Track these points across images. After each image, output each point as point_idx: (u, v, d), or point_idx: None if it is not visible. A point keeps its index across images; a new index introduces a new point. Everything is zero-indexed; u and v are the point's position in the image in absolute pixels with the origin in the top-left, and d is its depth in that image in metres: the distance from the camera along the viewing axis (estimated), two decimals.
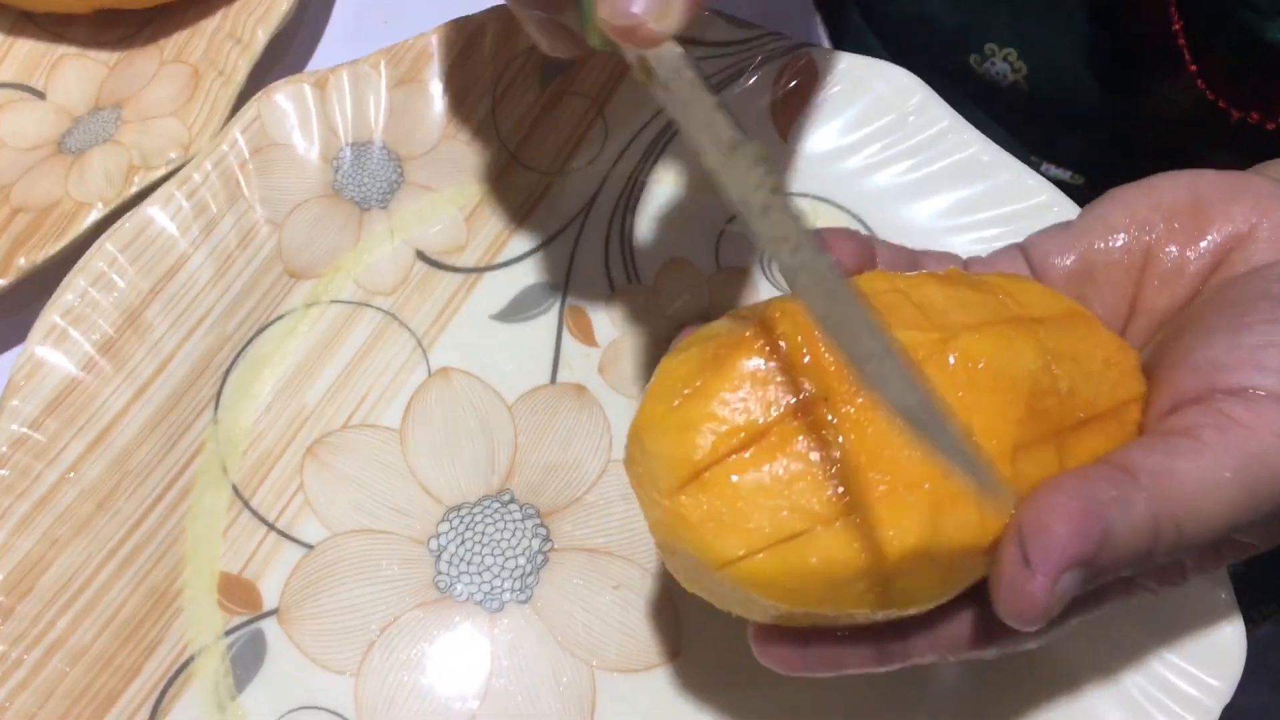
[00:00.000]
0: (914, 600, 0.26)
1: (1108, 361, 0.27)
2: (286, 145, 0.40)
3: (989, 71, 0.50)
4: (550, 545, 0.37)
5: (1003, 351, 0.26)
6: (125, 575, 0.35)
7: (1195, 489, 0.25)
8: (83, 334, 0.36)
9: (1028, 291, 0.28)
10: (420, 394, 0.38)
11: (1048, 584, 0.23)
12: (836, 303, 0.22)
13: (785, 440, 0.25)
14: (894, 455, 0.24)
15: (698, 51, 0.42)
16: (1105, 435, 0.27)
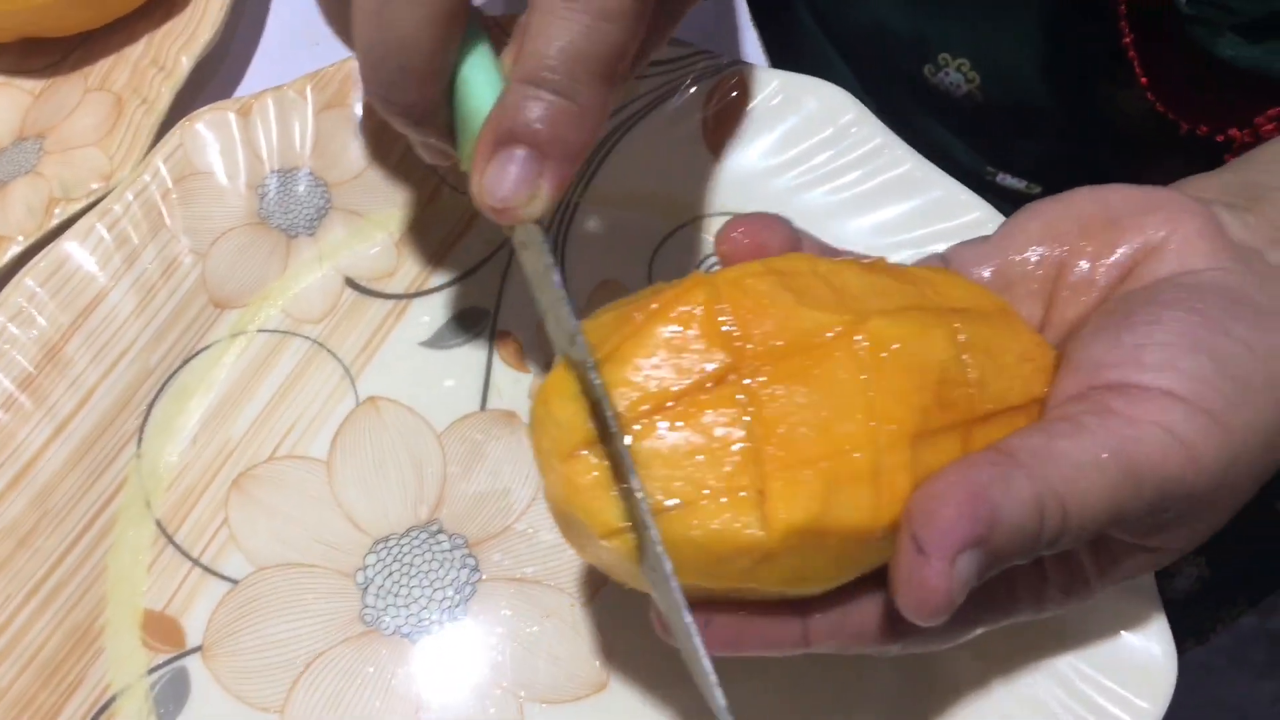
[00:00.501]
0: (804, 581, 0.25)
1: (1023, 356, 0.27)
2: (210, 174, 0.39)
3: (943, 81, 0.50)
4: (479, 575, 0.36)
5: (914, 338, 0.25)
6: (45, 614, 0.34)
7: (1073, 468, 0.24)
8: (1, 371, 0.36)
9: (952, 284, 0.28)
10: (348, 424, 0.38)
11: (944, 567, 0.23)
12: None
13: (690, 410, 0.24)
14: (795, 432, 0.24)
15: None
16: (1012, 428, 0.27)
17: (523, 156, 0.27)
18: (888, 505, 0.24)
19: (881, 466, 0.24)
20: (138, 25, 0.43)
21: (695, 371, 0.25)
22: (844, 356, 0.25)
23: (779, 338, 0.25)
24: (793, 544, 0.24)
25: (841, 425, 0.24)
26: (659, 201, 0.41)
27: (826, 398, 0.25)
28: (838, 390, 0.25)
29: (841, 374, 0.25)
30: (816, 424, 0.24)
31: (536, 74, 0.27)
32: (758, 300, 0.25)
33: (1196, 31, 0.40)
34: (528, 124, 0.27)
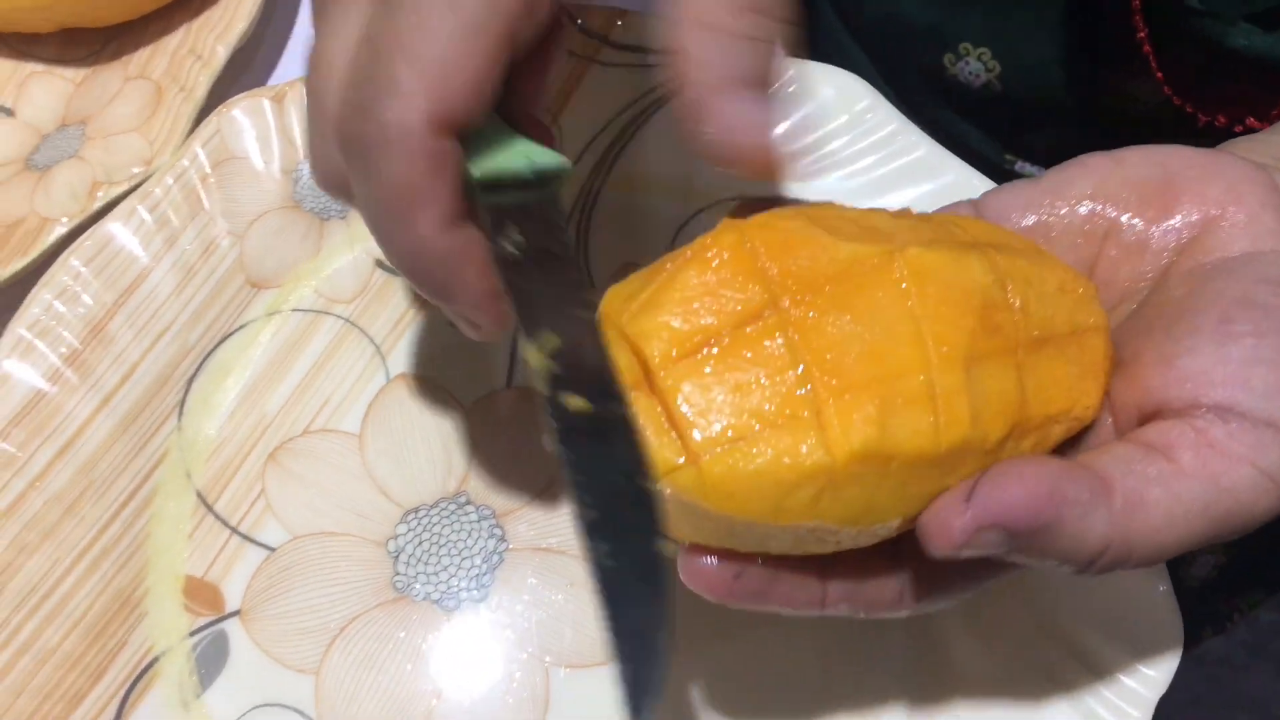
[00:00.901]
0: (869, 514, 0.25)
1: (1062, 288, 0.27)
2: (246, 159, 0.41)
3: (962, 71, 0.51)
4: (506, 545, 0.38)
5: (952, 264, 0.25)
6: (91, 579, 0.36)
7: (1163, 521, 0.25)
8: (49, 347, 0.37)
9: (977, 225, 0.28)
10: (379, 400, 0.40)
11: (970, 528, 0.24)
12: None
13: (734, 346, 0.24)
14: (845, 359, 0.24)
15: (646, 58, 0.42)
16: (1065, 359, 0.27)
17: (756, 97, 0.25)
18: (947, 428, 0.24)
19: (937, 389, 0.24)
20: (175, 16, 0.44)
21: (733, 309, 0.24)
22: (885, 284, 0.25)
23: (815, 270, 0.25)
24: (855, 470, 0.24)
25: (891, 349, 0.24)
26: (679, 186, 0.42)
27: (872, 324, 0.24)
28: (883, 316, 0.25)
29: (884, 300, 0.25)
30: (865, 350, 0.24)
31: (719, 20, 0.25)
32: (789, 237, 0.25)
33: (1206, 24, 0.41)
34: (743, 66, 0.25)
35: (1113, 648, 0.34)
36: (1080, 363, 0.27)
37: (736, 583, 0.27)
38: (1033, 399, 0.26)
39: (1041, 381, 0.26)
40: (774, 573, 0.27)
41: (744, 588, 0.27)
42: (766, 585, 0.27)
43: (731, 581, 0.27)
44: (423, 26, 0.25)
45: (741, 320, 0.25)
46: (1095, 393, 0.27)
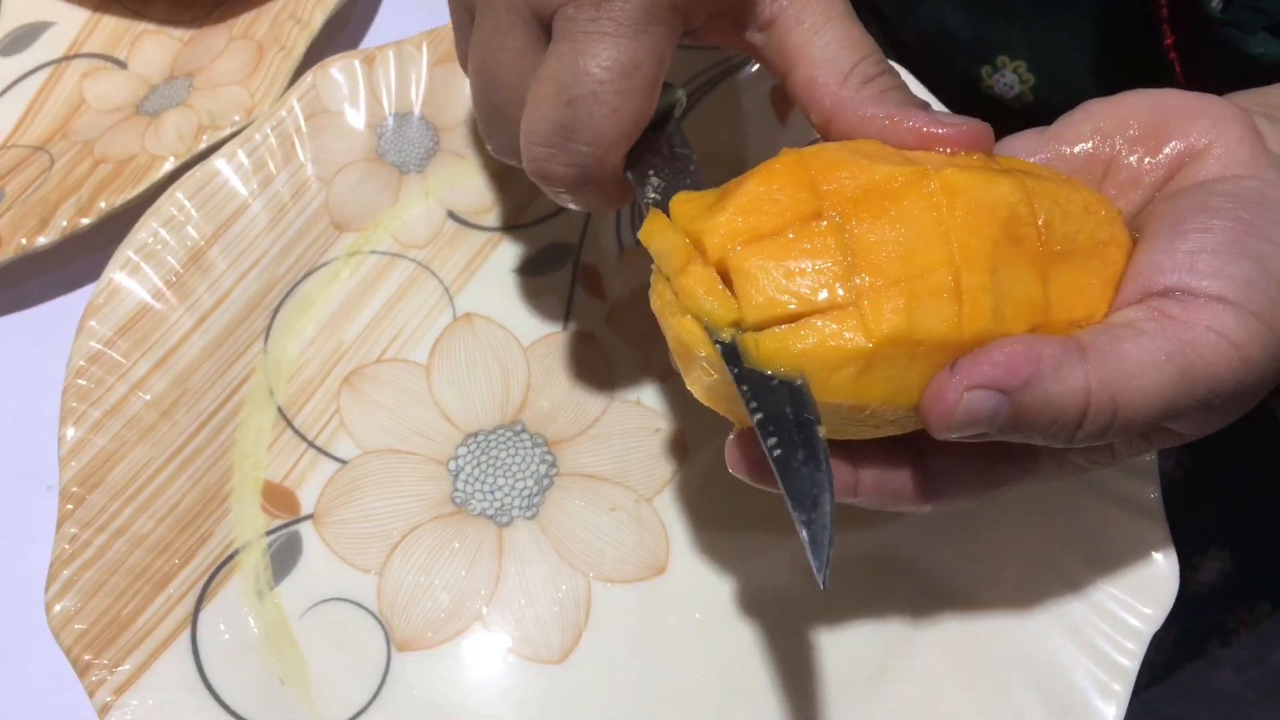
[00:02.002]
0: (894, 397, 0.28)
1: (1087, 208, 0.30)
2: (337, 113, 0.45)
3: (998, 83, 0.54)
4: (556, 470, 0.41)
5: (982, 184, 0.28)
6: (182, 476, 0.39)
7: (1135, 367, 0.27)
8: (153, 269, 0.41)
9: (1014, 159, 0.31)
10: (446, 335, 0.43)
11: (958, 390, 0.27)
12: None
13: (788, 241, 0.27)
14: (881, 257, 0.27)
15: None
16: (1087, 270, 0.29)
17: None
18: (970, 320, 0.27)
19: (962, 285, 0.27)
20: None
21: (788, 211, 0.28)
22: (917, 197, 0.28)
23: (857, 186, 0.28)
24: (887, 353, 0.27)
25: (921, 250, 0.27)
26: (729, 159, 0.46)
27: (906, 230, 0.28)
28: (915, 224, 0.28)
29: (916, 211, 0.28)
30: (899, 251, 0.27)
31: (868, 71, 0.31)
32: (835, 161, 0.29)
33: (1228, 33, 0.44)
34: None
35: (1112, 585, 0.37)
36: (1102, 275, 0.30)
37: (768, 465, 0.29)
38: (1056, 303, 0.29)
39: (1064, 289, 0.29)
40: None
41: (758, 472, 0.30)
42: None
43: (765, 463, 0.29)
44: (618, 90, 0.30)
45: (794, 220, 0.28)
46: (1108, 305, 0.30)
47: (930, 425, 0.28)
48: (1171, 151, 0.31)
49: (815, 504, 0.26)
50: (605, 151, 0.31)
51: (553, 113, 0.31)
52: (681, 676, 0.38)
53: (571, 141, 0.31)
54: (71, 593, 0.36)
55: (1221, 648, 0.74)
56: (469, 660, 0.38)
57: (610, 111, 0.31)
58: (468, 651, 0.38)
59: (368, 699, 0.37)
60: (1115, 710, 0.36)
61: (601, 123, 0.31)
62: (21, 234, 0.42)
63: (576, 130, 0.31)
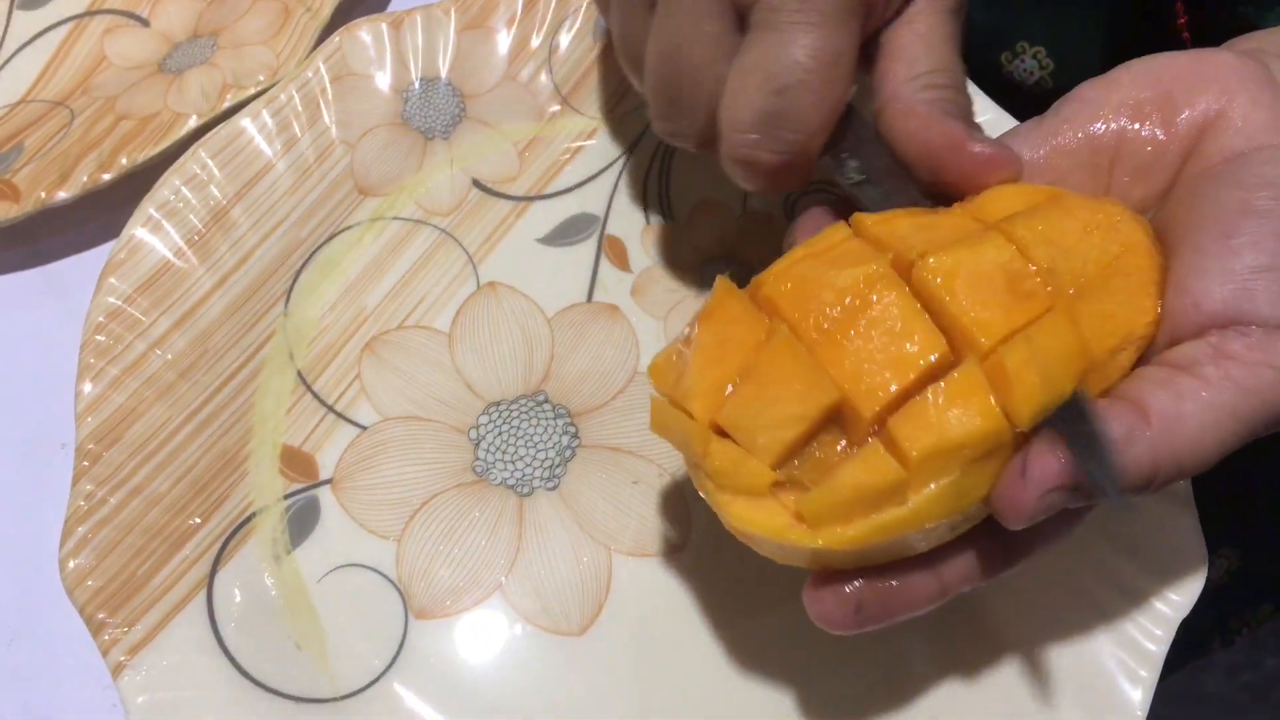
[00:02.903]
0: (957, 504, 0.27)
1: (1086, 228, 0.29)
2: (363, 76, 0.44)
3: (1017, 69, 0.54)
4: (578, 442, 0.40)
5: (966, 258, 0.28)
6: (200, 437, 0.39)
7: (1198, 431, 0.27)
8: (175, 227, 0.41)
9: (996, 197, 0.31)
10: (469, 303, 0.43)
11: (1035, 497, 0.27)
12: None
13: (768, 372, 0.28)
14: (877, 372, 0.27)
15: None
16: (1109, 293, 0.29)
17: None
18: (1024, 401, 0.27)
19: (1008, 368, 0.27)
20: None
21: (751, 343, 0.29)
22: (899, 297, 0.28)
23: (828, 304, 0.28)
24: (932, 469, 0.27)
25: (919, 350, 0.27)
26: None
27: (894, 335, 0.28)
28: (900, 320, 0.28)
29: (897, 309, 0.28)
30: (893, 356, 0.27)
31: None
32: (798, 285, 0.29)
33: (1245, 10, 0.43)
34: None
35: (1141, 571, 0.37)
36: (1126, 289, 0.29)
37: (860, 614, 0.29)
38: (1092, 341, 0.28)
39: (1093, 322, 0.28)
40: (889, 592, 0.29)
41: (869, 616, 0.29)
42: (886, 605, 0.29)
43: (855, 615, 0.29)
44: (825, 79, 0.31)
45: (758, 352, 0.28)
46: (1150, 306, 0.29)
47: (1005, 522, 0.27)
48: (1185, 124, 0.30)
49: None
50: (811, 138, 0.32)
51: (761, 101, 0.31)
52: (701, 652, 0.37)
53: (780, 129, 0.31)
54: (86, 550, 0.36)
55: (1223, 647, 0.74)
56: (487, 630, 0.37)
57: (819, 100, 0.31)
58: (486, 622, 0.38)
59: (384, 666, 0.37)
60: (1142, 695, 0.35)
61: (810, 110, 0.31)
62: (41, 188, 0.41)
63: (786, 118, 0.31)
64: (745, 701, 0.37)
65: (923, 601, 0.30)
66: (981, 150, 0.30)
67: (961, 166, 0.31)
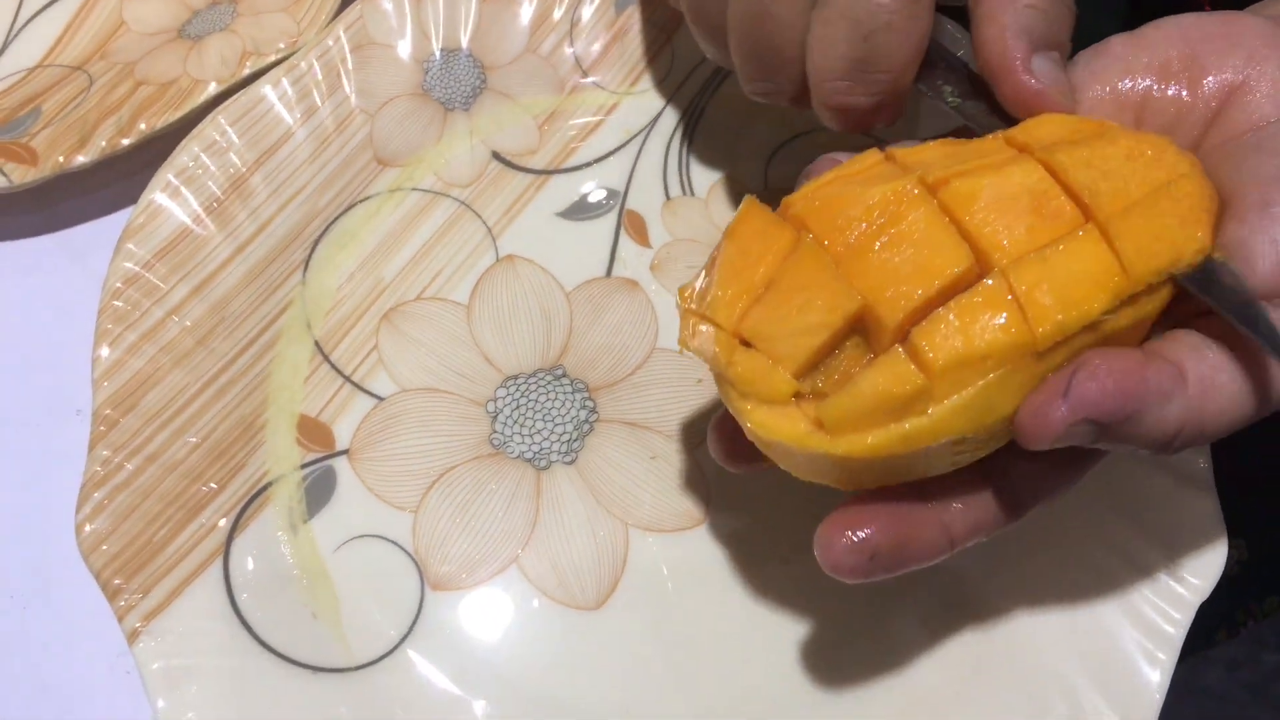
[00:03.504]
0: (981, 417, 0.27)
1: (1130, 156, 0.28)
2: (384, 45, 0.44)
3: None
4: (596, 416, 0.40)
5: (992, 180, 0.28)
6: (217, 405, 0.39)
7: (1228, 403, 0.27)
8: (194, 193, 0.40)
9: (1036, 126, 0.30)
10: (487, 276, 0.42)
11: (1067, 420, 0.26)
12: None
13: (791, 282, 0.28)
14: (905, 288, 0.27)
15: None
16: (1158, 213, 0.28)
17: (1057, 57, 0.31)
18: (1037, 319, 0.26)
19: (1014, 287, 0.26)
20: None
21: (770, 254, 0.28)
22: (926, 213, 0.27)
23: (856, 219, 0.28)
24: (954, 379, 0.26)
25: (946, 260, 0.27)
26: (778, 112, 0.45)
27: (921, 245, 0.27)
28: (932, 239, 0.27)
29: (926, 222, 0.27)
30: (919, 267, 0.27)
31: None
32: (826, 202, 0.29)
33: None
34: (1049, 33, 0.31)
35: (1161, 554, 0.37)
36: (1176, 213, 0.28)
37: (873, 563, 0.29)
38: (1134, 258, 0.27)
39: (1139, 241, 0.27)
40: (901, 541, 0.29)
41: (880, 565, 0.29)
42: (898, 554, 0.29)
43: (868, 563, 0.29)
44: (908, 16, 0.31)
45: (783, 262, 0.28)
46: (1202, 234, 0.28)
47: (1025, 441, 0.27)
48: (1211, 88, 0.30)
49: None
50: (902, 74, 0.32)
51: (849, 49, 0.32)
52: (717, 628, 0.37)
53: (871, 73, 0.32)
54: (102, 515, 0.36)
55: (1229, 638, 0.74)
56: (503, 603, 0.37)
57: (905, 38, 0.32)
58: (502, 594, 0.37)
59: (399, 637, 0.37)
60: (1160, 677, 0.35)
61: (898, 51, 0.32)
62: (59, 152, 0.41)
63: (875, 62, 0.32)
64: (760, 677, 0.36)
65: (932, 552, 0.30)
66: (1029, 82, 0.30)
67: (1011, 92, 0.31)
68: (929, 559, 0.30)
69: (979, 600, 0.37)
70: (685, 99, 0.46)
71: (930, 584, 0.38)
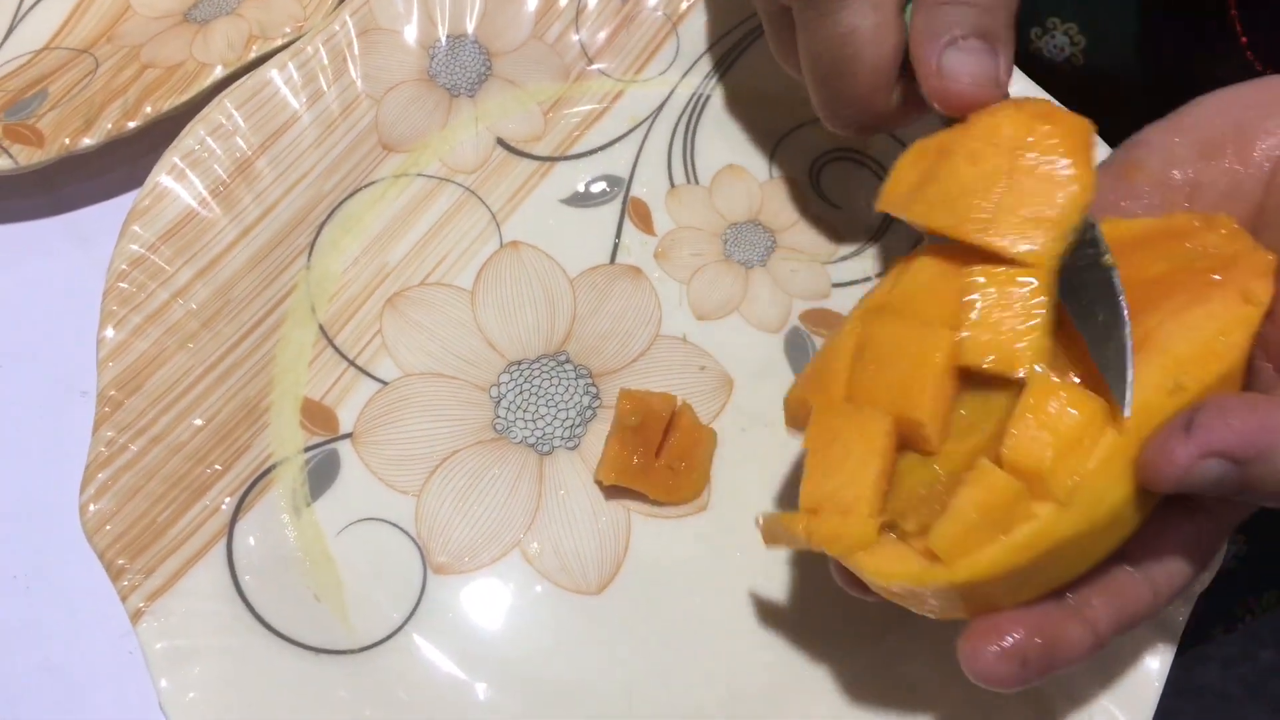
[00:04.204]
0: (1073, 518, 0.27)
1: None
2: (390, 30, 0.44)
3: (1047, 45, 0.53)
4: (599, 402, 0.40)
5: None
6: (221, 387, 0.39)
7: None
8: (199, 176, 0.41)
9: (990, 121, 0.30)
10: (492, 261, 0.42)
11: (1193, 454, 0.25)
12: None
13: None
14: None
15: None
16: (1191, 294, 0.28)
17: (981, 46, 0.31)
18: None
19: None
20: None
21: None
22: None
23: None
24: (1051, 476, 0.27)
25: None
26: (786, 100, 0.45)
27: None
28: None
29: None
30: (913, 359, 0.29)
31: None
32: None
33: None
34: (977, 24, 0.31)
35: None
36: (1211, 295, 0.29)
37: (1025, 669, 0.28)
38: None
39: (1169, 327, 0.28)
40: (1049, 641, 0.28)
41: (1032, 670, 0.28)
42: (1048, 656, 0.28)
43: (1020, 670, 0.28)
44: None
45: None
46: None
47: (1148, 480, 0.27)
48: (1262, 152, 0.30)
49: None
50: (869, 103, 0.35)
51: (816, 95, 0.37)
52: (719, 613, 0.37)
53: (841, 111, 0.36)
54: (107, 496, 0.36)
55: (1226, 634, 0.74)
56: (506, 587, 0.37)
57: (855, 79, 0.34)
58: (504, 579, 0.38)
59: (402, 620, 0.37)
60: (1159, 667, 0.35)
61: (853, 89, 0.35)
62: (65, 134, 0.41)
63: (838, 102, 0.36)
64: (760, 663, 0.37)
65: (1081, 650, 0.29)
66: (938, 83, 0.31)
67: (929, 94, 0.32)
68: (1078, 657, 0.29)
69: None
70: (690, 87, 0.46)
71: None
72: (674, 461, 0.38)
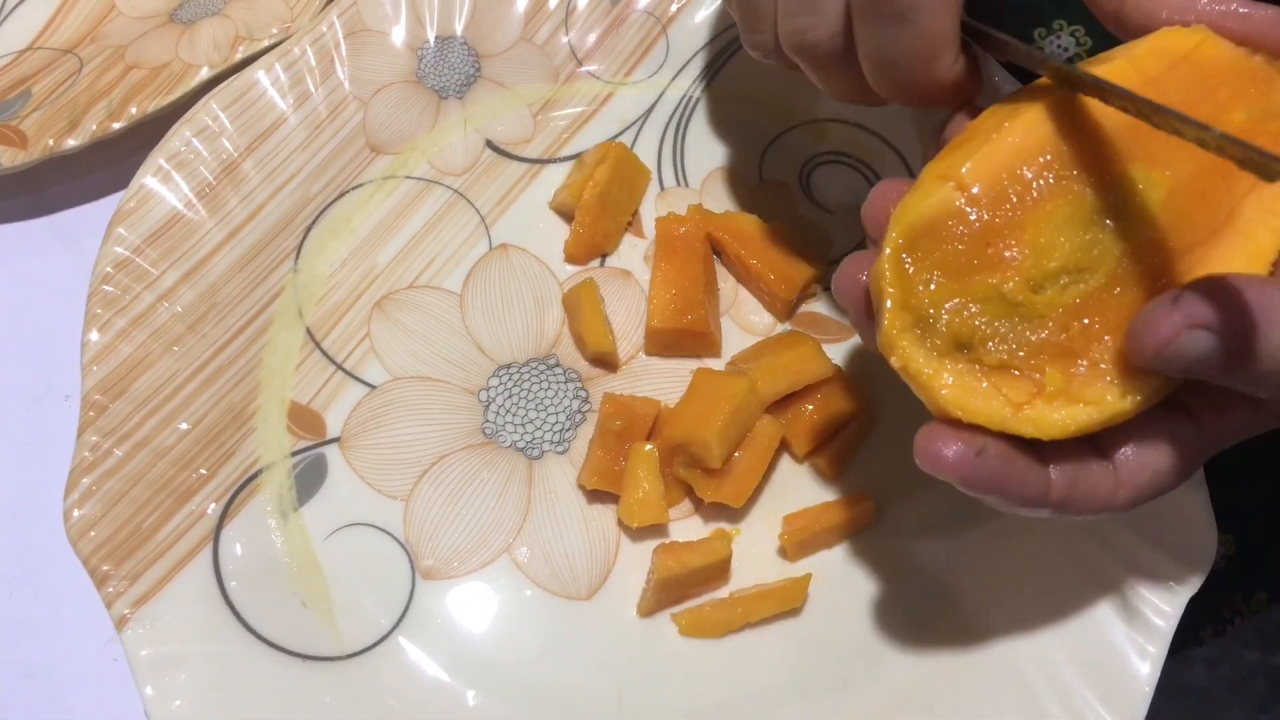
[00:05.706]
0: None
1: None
2: (378, 32, 0.44)
3: (1050, 45, 0.53)
4: (589, 406, 0.40)
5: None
6: (207, 391, 0.38)
7: None
8: (185, 178, 0.40)
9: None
10: (481, 264, 0.42)
11: (1178, 324, 0.24)
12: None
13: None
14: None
15: None
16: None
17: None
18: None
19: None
20: None
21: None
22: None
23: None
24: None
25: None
26: (774, 104, 0.45)
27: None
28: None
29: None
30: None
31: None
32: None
33: None
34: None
35: (1151, 548, 0.37)
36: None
37: (978, 460, 0.27)
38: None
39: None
40: (1009, 455, 0.28)
41: (984, 467, 0.27)
42: (1003, 468, 0.27)
43: (974, 460, 0.27)
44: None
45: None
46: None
47: (1134, 350, 0.26)
48: None
49: None
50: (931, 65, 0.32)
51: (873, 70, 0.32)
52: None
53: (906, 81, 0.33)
54: (91, 501, 0.35)
55: (1215, 635, 0.74)
56: (495, 593, 0.37)
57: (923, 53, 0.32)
58: (494, 584, 0.37)
59: (390, 626, 0.36)
60: (1149, 670, 0.35)
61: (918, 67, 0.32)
62: (49, 135, 0.41)
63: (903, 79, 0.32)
64: (749, 668, 0.36)
65: (1031, 493, 0.28)
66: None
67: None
68: (1029, 495, 0.28)
69: (969, 595, 0.37)
70: (680, 90, 0.45)
71: (920, 576, 0.38)
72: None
